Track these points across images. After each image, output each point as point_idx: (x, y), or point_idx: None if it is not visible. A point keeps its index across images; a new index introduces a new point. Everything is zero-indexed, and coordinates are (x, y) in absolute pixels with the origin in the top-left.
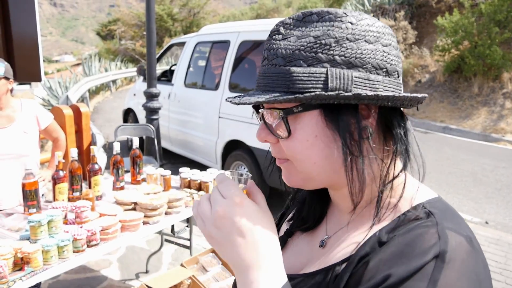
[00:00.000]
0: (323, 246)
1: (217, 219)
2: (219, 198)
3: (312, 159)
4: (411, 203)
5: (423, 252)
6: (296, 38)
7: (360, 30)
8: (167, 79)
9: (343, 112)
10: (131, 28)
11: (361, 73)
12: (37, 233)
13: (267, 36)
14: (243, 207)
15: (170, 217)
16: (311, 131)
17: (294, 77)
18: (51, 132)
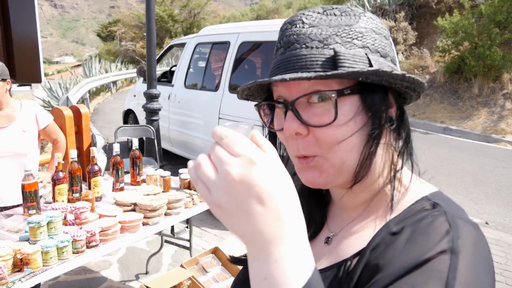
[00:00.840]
0: (329, 243)
1: (229, 184)
2: (228, 157)
3: (348, 147)
4: (415, 197)
5: (438, 239)
6: (327, 26)
7: (379, 26)
8: (167, 80)
9: (378, 98)
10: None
11: (387, 61)
12: (36, 234)
13: (286, 26)
14: (263, 166)
15: (169, 218)
16: (351, 115)
17: (341, 57)
18: (51, 133)
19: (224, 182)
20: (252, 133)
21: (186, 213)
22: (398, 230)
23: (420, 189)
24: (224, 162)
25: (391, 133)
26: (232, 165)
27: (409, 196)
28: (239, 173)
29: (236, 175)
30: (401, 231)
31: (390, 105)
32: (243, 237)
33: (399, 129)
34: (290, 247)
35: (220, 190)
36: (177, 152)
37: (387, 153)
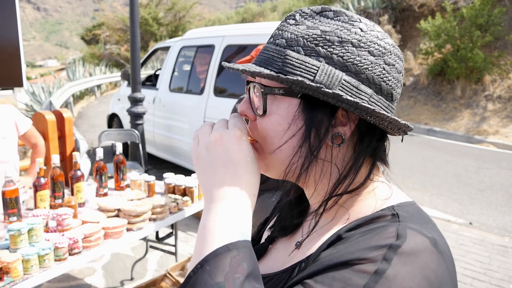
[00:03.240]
0: (298, 248)
1: (212, 143)
2: (222, 126)
3: (279, 144)
4: (380, 206)
5: (377, 244)
6: (306, 27)
7: (367, 39)
8: (151, 83)
9: (320, 110)
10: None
11: (353, 79)
12: (17, 242)
13: (285, 18)
14: (240, 142)
15: (154, 223)
16: (286, 117)
17: (287, 60)
18: (30, 138)
19: (209, 140)
20: None
21: (171, 218)
22: (348, 236)
23: (389, 200)
24: (218, 128)
25: (347, 153)
26: (221, 131)
27: (375, 205)
28: (222, 137)
29: (219, 137)
30: (348, 238)
31: (340, 123)
32: (203, 188)
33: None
34: (233, 209)
35: (204, 145)
36: (162, 156)
37: (326, 171)
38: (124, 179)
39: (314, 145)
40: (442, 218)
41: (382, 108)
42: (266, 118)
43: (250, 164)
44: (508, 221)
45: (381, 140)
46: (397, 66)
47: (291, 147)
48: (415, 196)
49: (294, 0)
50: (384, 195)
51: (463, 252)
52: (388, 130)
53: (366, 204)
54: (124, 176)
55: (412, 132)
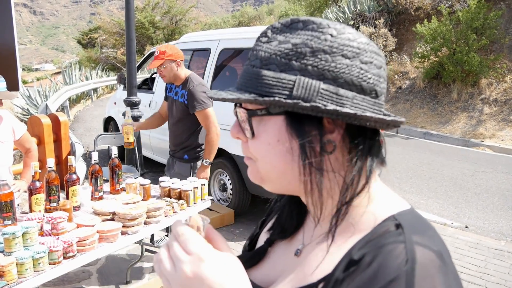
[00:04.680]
0: (298, 255)
1: (184, 280)
2: (182, 255)
3: (272, 163)
4: (382, 216)
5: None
6: (277, 43)
7: (338, 44)
8: (148, 87)
9: (306, 122)
10: (112, 36)
11: (331, 86)
12: (11, 245)
13: (258, 37)
14: (210, 262)
15: (149, 226)
16: (273, 135)
17: (263, 80)
18: (24, 143)
19: (180, 278)
20: (207, 228)
21: (166, 222)
22: (360, 257)
23: (389, 207)
24: (179, 260)
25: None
26: (185, 263)
27: (376, 215)
28: (191, 270)
29: (189, 272)
30: (361, 262)
31: (328, 130)
32: None
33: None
34: None
35: (178, 284)
36: (158, 160)
37: (335, 178)
38: (119, 182)
39: (314, 158)
40: (438, 221)
41: (367, 108)
42: (256, 139)
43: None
44: (504, 224)
45: (373, 137)
46: (375, 62)
47: (284, 163)
48: (411, 199)
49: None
50: (383, 200)
51: (459, 255)
52: (377, 127)
53: (367, 211)
54: (119, 180)
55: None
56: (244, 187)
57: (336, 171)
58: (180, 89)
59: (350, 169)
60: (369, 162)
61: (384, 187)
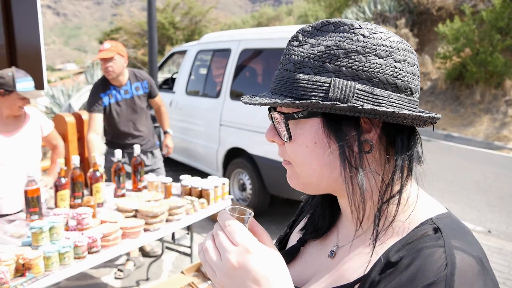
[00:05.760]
0: (332, 257)
1: (230, 269)
2: (228, 245)
3: (311, 165)
4: (420, 219)
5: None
6: (309, 46)
7: (371, 44)
8: (168, 87)
9: (343, 123)
10: (133, 37)
11: (366, 86)
12: (38, 239)
13: (288, 40)
14: (257, 254)
15: (170, 224)
16: (311, 137)
17: (298, 83)
18: (51, 140)
19: (226, 267)
20: (251, 221)
21: (187, 220)
22: (397, 260)
23: (426, 210)
24: (225, 250)
25: (381, 157)
26: (232, 253)
27: (414, 217)
28: (237, 260)
29: (235, 262)
30: (398, 265)
31: (365, 130)
32: None
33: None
34: None
35: (223, 273)
36: (178, 159)
37: (374, 179)
38: (141, 180)
39: (353, 159)
40: None
41: (403, 105)
42: (293, 143)
43: (274, 264)
44: None
45: (411, 135)
46: (408, 60)
47: (323, 165)
48: None
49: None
50: (420, 203)
51: None
52: (414, 125)
53: (404, 213)
54: (141, 178)
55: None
56: (264, 187)
57: (375, 170)
58: (129, 86)
59: (388, 168)
60: (406, 161)
61: (419, 189)
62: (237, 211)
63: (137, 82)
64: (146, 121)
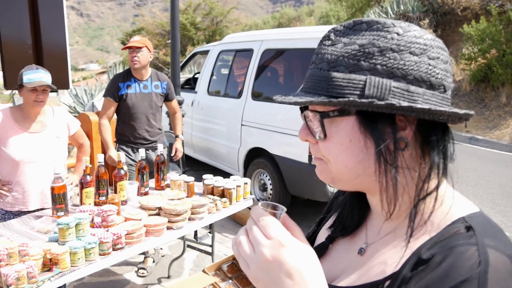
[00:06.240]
0: (362, 254)
1: (264, 263)
2: (262, 239)
3: (345, 163)
4: (452, 217)
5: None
6: (343, 45)
7: (405, 41)
8: (190, 87)
9: (378, 121)
10: (154, 37)
11: (401, 83)
12: (65, 235)
13: (320, 40)
14: (290, 248)
15: (193, 223)
16: (346, 135)
17: (333, 82)
18: (78, 138)
19: (259, 261)
20: (284, 216)
21: (209, 218)
22: (429, 257)
23: (458, 209)
24: (259, 243)
25: (417, 154)
26: (266, 246)
27: (446, 215)
28: (271, 254)
29: (269, 255)
30: (430, 262)
31: (400, 128)
32: None
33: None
34: None
35: (257, 266)
36: (200, 158)
37: (409, 175)
38: (164, 179)
39: (388, 156)
40: None
41: (437, 103)
42: (328, 141)
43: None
44: None
45: (443, 132)
46: (442, 58)
47: (358, 163)
48: None
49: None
50: (452, 201)
51: None
52: (449, 121)
53: (435, 211)
54: (164, 176)
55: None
56: (284, 188)
57: (410, 167)
58: (149, 82)
59: (423, 165)
60: (440, 158)
61: (451, 188)
62: (270, 207)
63: (157, 81)
64: (158, 119)
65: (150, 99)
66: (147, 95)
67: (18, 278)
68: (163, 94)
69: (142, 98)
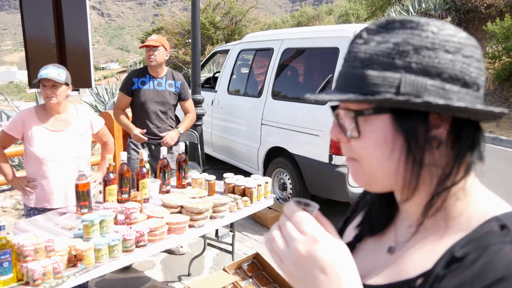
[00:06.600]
0: (391, 253)
1: (298, 258)
2: (296, 235)
3: (379, 161)
4: (485, 216)
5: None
6: (376, 43)
7: (440, 40)
8: (210, 86)
9: (412, 119)
10: (174, 36)
11: (436, 81)
12: (89, 232)
13: (352, 39)
14: (324, 244)
15: (214, 221)
16: (380, 133)
17: (368, 80)
18: (102, 136)
19: (293, 256)
20: (316, 213)
21: (230, 217)
22: (463, 255)
23: (491, 207)
24: (293, 239)
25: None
26: (300, 242)
27: (479, 214)
28: (305, 249)
29: (303, 250)
30: (464, 260)
31: (434, 126)
32: None
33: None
34: None
35: (290, 261)
36: (219, 157)
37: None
38: (185, 177)
39: (417, 154)
40: None
41: (472, 101)
42: (362, 139)
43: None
44: None
45: (476, 131)
46: (475, 56)
47: (391, 161)
48: None
49: (351, 3)
50: (484, 200)
51: None
52: (483, 120)
53: (468, 209)
54: (186, 175)
55: None
56: (304, 187)
57: (440, 165)
58: (164, 80)
59: (455, 164)
60: (471, 157)
61: (483, 187)
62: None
63: (172, 80)
64: (170, 117)
65: (163, 96)
66: (160, 92)
67: (44, 273)
68: (176, 93)
69: (155, 95)
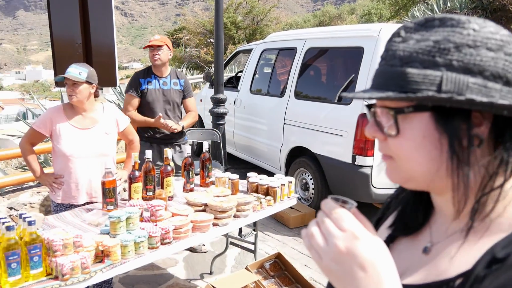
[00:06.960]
0: (427, 253)
1: (337, 254)
2: (336, 231)
3: (417, 160)
4: None
5: None
6: (415, 42)
7: (482, 37)
8: (232, 85)
9: (454, 117)
10: (196, 36)
11: (478, 79)
12: (116, 228)
13: (390, 37)
14: (364, 240)
15: (238, 220)
16: (420, 132)
17: (408, 78)
18: (128, 135)
19: (333, 252)
20: (354, 210)
21: (253, 216)
22: (504, 256)
23: None
24: (333, 235)
25: (489, 151)
26: (339, 238)
27: None
28: (345, 246)
29: (342, 247)
30: (506, 261)
31: (475, 124)
32: None
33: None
34: None
35: (329, 258)
36: (241, 156)
37: (475, 175)
38: (209, 176)
39: (461, 153)
40: None
41: None
42: (400, 137)
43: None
44: None
45: None
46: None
47: (430, 160)
48: None
49: (373, 3)
50: None
51: None
52: None
53: (508, 211)
54: (209, 173)
55: None
56: (327, 187)
57: (481, 165)
58: (169, 79)
59: (493, 162)
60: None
61: None
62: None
63: (176, 79)
64: (177, 115)
65: (169, 95)
66: (166, 91)
67: (73, 268)
68: (180, 91)
69: (161, 94)
